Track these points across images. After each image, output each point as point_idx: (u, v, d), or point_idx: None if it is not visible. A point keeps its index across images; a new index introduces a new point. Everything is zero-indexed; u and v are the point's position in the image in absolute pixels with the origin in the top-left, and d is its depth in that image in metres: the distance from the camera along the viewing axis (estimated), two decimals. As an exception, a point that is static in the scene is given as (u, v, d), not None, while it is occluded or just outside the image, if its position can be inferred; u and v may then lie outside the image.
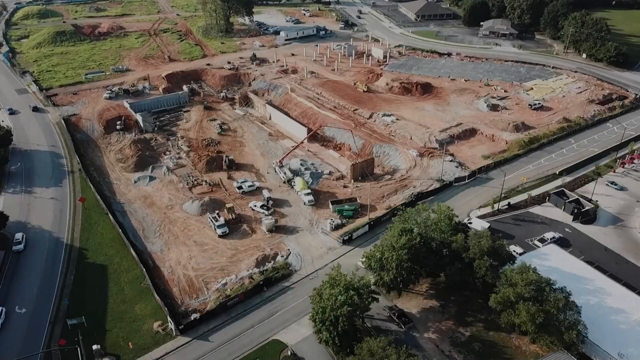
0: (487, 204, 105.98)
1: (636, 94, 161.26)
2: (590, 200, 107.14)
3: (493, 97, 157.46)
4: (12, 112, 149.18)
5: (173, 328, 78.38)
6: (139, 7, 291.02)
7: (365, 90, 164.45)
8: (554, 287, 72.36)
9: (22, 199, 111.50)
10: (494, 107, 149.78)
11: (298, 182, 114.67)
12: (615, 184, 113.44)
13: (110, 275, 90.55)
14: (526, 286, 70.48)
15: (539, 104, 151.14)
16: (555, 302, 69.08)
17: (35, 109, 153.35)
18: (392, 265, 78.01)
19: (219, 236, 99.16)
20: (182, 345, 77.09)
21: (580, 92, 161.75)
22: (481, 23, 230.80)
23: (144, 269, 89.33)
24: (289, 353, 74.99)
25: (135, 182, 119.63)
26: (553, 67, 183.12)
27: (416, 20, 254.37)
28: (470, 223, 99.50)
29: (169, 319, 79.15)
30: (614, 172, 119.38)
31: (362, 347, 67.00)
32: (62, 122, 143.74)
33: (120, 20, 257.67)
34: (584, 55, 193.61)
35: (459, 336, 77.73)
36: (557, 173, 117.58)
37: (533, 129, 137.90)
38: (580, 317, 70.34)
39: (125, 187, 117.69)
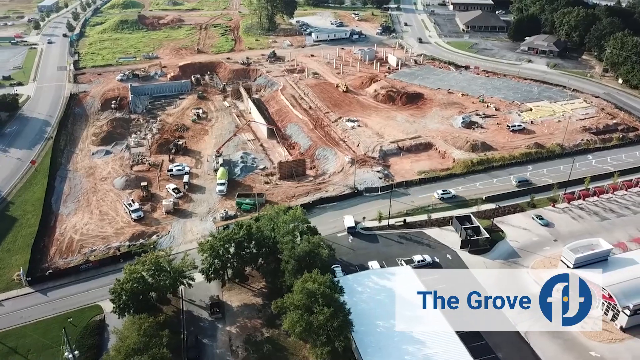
0: (375, 218, 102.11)
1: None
2: (497, 231, 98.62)
3: (478, 115, 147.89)
4: None
5: (23, 279, 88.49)
6: (212, 3, 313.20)
7: (345, 90, 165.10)
8: (338, 301, 69.80)
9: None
10: (469, 125, 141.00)
11: (219, 172, 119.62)
12: (542, 219, 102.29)
13: (14, 228, 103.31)
14: (299, 294, 69.15)
15: (519, 126, 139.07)
16: (320, 314, 66.92)
17: (65, 35, 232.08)
18: (206, 253, 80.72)
19: (134, 220, 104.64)
20: (24, 294, 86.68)
21: (584, 118, 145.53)
22: (525, 38, 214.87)
23: (38, 227, 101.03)
24: (99, 319, 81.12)
25: (93, 154, 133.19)
26: (573, 90, 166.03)
27: (464, 30, 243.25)
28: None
29: (21, 270, 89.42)
30: (554, 206, 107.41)
31: (128, 320, 71.51)
32: (68, 96, 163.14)
33: (184, 14, 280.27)
34: (620, 81, 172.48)
35: (257, 335, 77.91)
36: (484, 198, 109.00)
37: (494, 151, 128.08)
38: (349, 335, 67.34)
39: (81, 158, 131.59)
